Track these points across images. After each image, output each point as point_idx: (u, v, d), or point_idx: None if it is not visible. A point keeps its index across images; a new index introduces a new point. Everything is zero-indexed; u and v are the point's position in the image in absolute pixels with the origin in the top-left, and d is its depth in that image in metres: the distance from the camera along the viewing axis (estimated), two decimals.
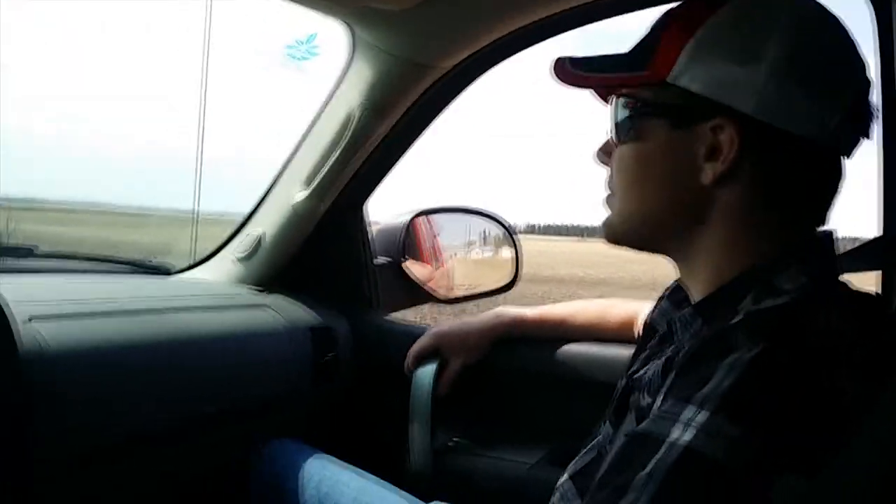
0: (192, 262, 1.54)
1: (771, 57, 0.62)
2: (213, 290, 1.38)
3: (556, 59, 0.73)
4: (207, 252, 1.53)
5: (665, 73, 0.66)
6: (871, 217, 0.98)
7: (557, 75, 0.73)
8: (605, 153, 0.75)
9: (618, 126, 0.71)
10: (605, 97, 0.77)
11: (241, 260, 1.44)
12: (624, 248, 0.75)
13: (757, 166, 0.65)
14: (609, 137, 0.74)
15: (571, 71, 0.73)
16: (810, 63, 0.64)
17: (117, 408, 0.96)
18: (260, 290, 1.41)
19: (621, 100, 0.71)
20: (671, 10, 0.71)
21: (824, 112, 0.63)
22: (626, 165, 0.71)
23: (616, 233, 0.74)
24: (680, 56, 0.65)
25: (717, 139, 0.65)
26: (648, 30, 0.72)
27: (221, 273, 1.47)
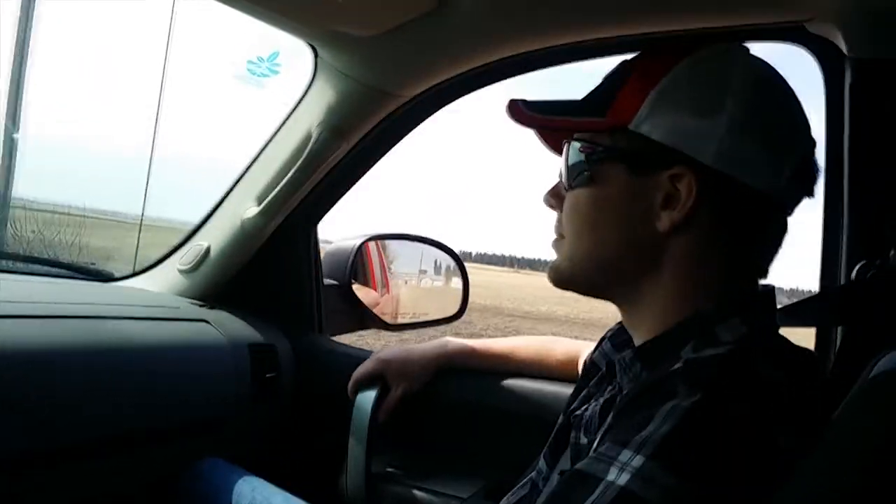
0: (134, 270, 1.50)
1: (730, 111, 0.65)
2: (154, 301, 1.35)
3: (511, 99, 0.74)
4: (151, 261, 1.50)
5: (627, 120, 0.68)
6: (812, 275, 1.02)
7: (514, 115, 0.74)
8: (554, 197, 0.76)
9: (571, 170, 0.72)
10: (552, 142, 0.78)
11: (184, 272, 1.42)
12: (570, 291, 0.76)
13: (712, 216, 0.67)
14: (559, 181, 0.75)
15: (528, 112, 0.74)
16: (766, 119, 0.67)
17: (45, 414, 0.92)
18: (202, 304, 1.39)
19: (577, 144, 0.72)
20: (632, 59, 0.74)
21: (779, 167, 0.66)
22: (580, 210, 0.72)
23: (564, 277, 0.75)
24: (643, 104, 0.67)
25: (674, 187, 0.66)
26: (605, 78, 0.74)
27: (164, 284, 1.43)
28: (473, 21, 1.06)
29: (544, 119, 0.75)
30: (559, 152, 0.76)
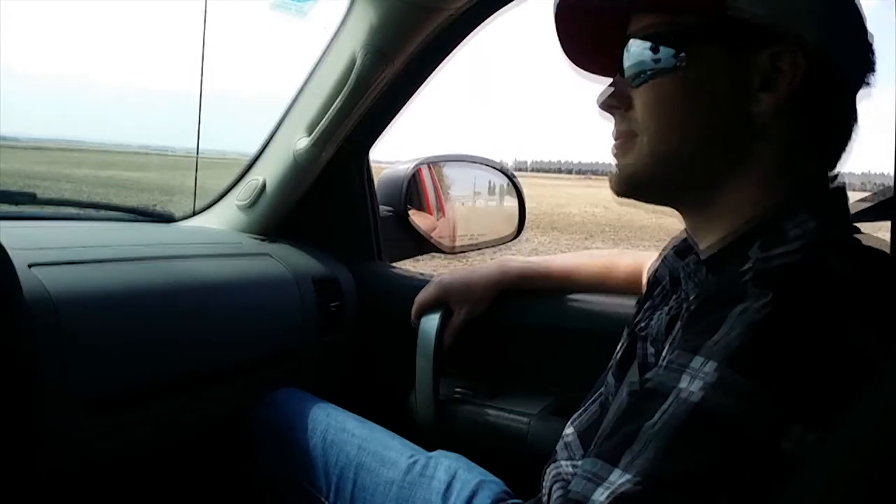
0: (194, 210, 1.53)
1: None
2: (217, 238, 1.37)
3: None
4: (210, 199, 1.52)
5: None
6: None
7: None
8: (618, 97, 0.70)
9: (653, 57, 0.66)
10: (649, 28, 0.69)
11: (243, 208, 1.43)
12: (639, 199, 0.71)
13: (808, 100, 0.63)
14: (617, 81, 0.70)
15: None
16: (855, 9, 0.65)
17: (121, 356, 0.95)
18: (263, 239, 1.41)
19: (662, 26, 0.66)
20: None
21: (864, 55, 0.65)
22: (668, 99, 0.66)
23: (639, 181, 0.69)
24: None
25: (774, 67, 0.62)
26: None
27: (224, 221, 1.46)
28: None
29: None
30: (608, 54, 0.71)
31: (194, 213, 1.52)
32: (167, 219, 1.49)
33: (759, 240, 0.62)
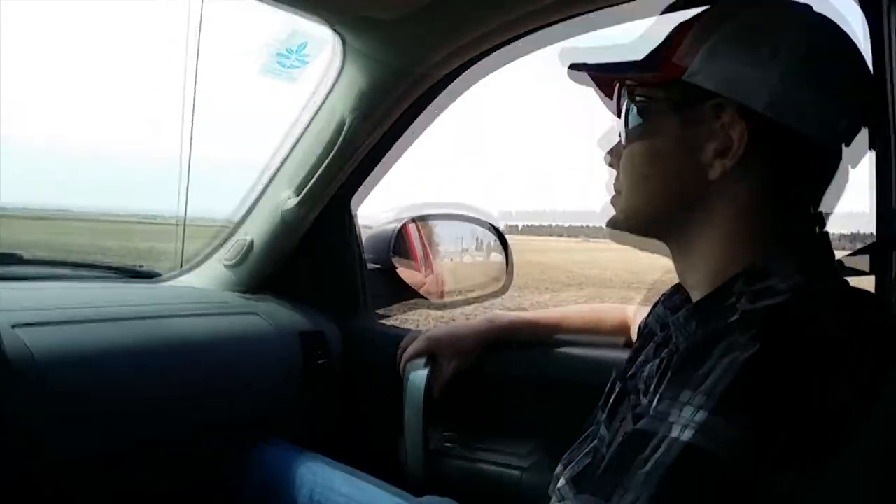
0: (180, 269, 1.53)
1: (784, 57, 0.65)
2: (203, 297, 1.37)
3: (570, 62, 0.76)
4: (196, 258, 1.52)
5: (680, 73, 0.68)
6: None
7: (573, 69, 0.75)
8: (613, 155, 0.77)
9: (628, 125, 0.73)
10: (612, 97, 0.78)
11: (230, 266, 1.43)
12: (625, 241, 0.77)
13: (765, 164, 0.67)
14: (619, 139, 0.76)
15: (588, 70, 0.75)
16: (821, 66, 0.66)
17: (105, 415, 0.95)
18: (249, 296, 1.41)
19: (635, 98, 0.72)
20: (689, 19, 0.74)
21: (834, 114, 0.65)
22: (636, 162, 0.73)
23: (619, 226, 0.76)
24: (697, 56, 0.67)
25: (727, 135, 0.66)
26: (664, 38, 0.75)
27: (210, 279, 1.46)
28: None
29: (601, 75, 0.77)
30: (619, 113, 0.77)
31: (180, 273, 1.52)
32: (152, 277, 1.49)
33: (745, 288, 0.64)
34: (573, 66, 0.75)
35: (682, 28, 0.73)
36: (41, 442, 0.86)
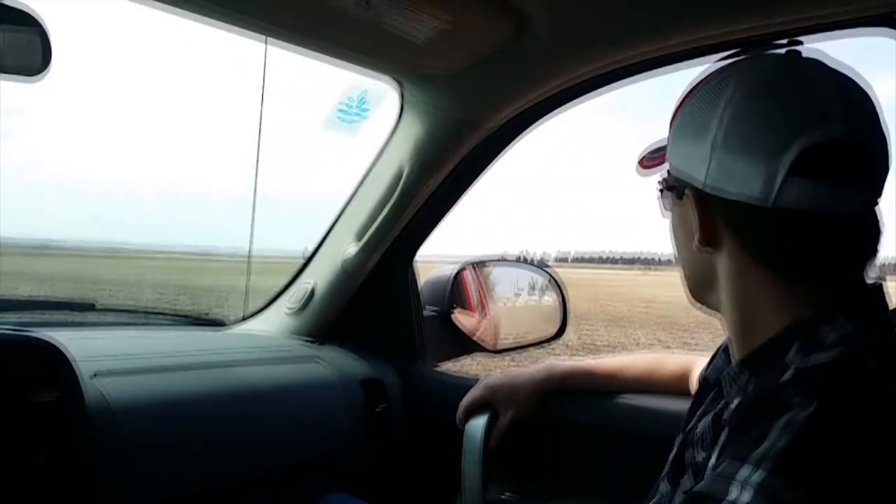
0: (245, 315, 1.57)
1: (714, 131, 0.66)
2: (267, 344, 1.41)
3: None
4: (260, 305, 1.57)
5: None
6: None
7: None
8: None
9: (663, 207, 0.80)
10: None
11: (293, 312, 1.47)
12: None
13: (730, 232, 0.68)
14: None
15: (646, 161, 0.83)
16: (749, 129, 0.65)
17: (178, 463, 0.98)
18: (312, 342, 1.44)
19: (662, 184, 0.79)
20: None
21: (770, 170, 0.63)
22: (672, 241, 0.79)
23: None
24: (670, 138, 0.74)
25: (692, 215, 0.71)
26: None
27: (274, 325, 1.50)
28: (551, 46, 1.08)
29: (646, 169, 0.83)
30: None
31: (244, 318, 1.56)
32: (219, 324, 1.54)
33: (794, 345, 0.63)
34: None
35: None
36: (118, 488, 0.89)
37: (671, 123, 0.75)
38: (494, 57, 1.06)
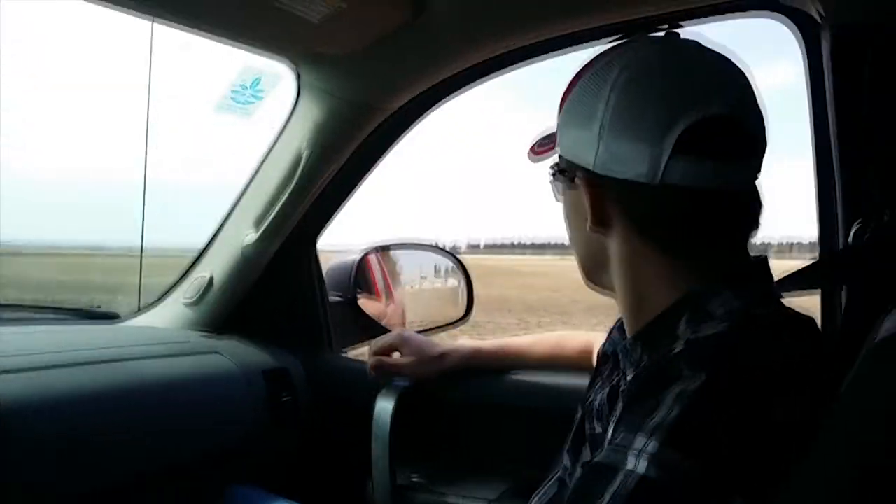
0: (139, 308, 1.51)
1: (600, 116, 0.68)
2: (163, 337, 1.35)
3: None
4: (154, 297, 1.50)
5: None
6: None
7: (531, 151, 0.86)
8: None
9: (554, 193, 0.82)
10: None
11: (189, 304, 1.42)
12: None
13: (621, 213, 0.71)
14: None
15: (537, 148, 0.85)
16: (634, 112, 0.68)
17: (70, 462, 0.93)
18: (210, 335, 1.39)
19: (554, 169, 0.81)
20: None
21: (656, 151, 0.66)
22: (565, 226, 0.81)
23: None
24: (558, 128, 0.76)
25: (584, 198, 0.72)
26: None
27: (170, 318, 1.44)
28: (449, 28, 1.07)
29: (537, 156, 0.85)
30: None
31: (139, 311, 1.50)
32: (112, 317, 1.47)
33: (685, 315, 0.67)
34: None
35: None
36: (6, 491, 0.85)
37: (559, 109, 0.77)
38: (392, 38, 1.05)
